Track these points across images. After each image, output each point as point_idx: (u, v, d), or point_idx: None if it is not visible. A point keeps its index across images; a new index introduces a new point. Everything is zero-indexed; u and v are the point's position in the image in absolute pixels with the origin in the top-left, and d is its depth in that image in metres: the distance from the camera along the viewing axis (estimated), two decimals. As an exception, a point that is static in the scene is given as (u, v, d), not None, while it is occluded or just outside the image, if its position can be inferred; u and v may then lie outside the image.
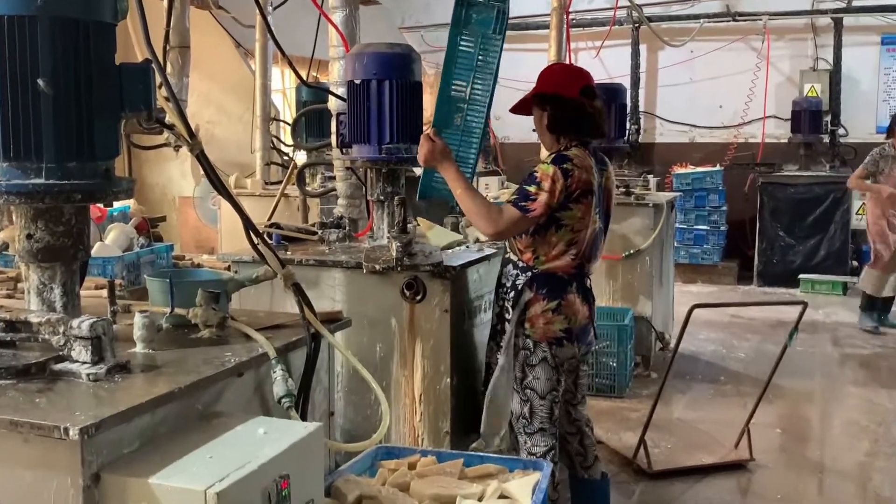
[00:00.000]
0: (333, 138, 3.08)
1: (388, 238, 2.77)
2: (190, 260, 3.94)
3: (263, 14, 4.29)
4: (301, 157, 5.06)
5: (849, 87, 7.91)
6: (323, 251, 2.88)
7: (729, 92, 8.21)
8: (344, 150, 3.02)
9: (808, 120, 7.60)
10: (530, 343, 2.48)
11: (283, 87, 7.05)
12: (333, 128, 3.07)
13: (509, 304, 2.49)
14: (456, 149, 2.54)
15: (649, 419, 3.47)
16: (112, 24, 1.62)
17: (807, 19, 8.01)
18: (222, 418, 1.55)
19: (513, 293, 2.48)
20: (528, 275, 2.47)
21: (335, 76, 3.17)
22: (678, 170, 7.89)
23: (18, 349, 1.59)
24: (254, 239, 1.85)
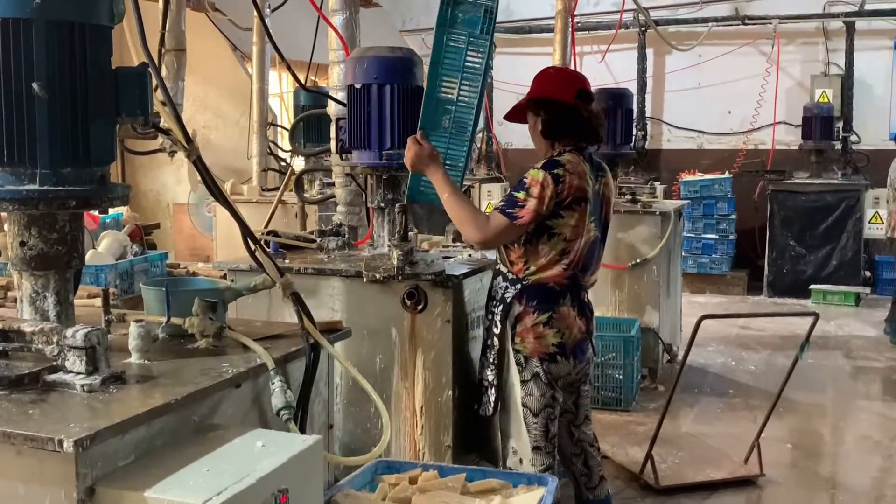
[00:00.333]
0: (333, 144, 3.05)
1: (388, 246, 2.74)
2: (185, 268, 3.90)
3: (261, 16, 4.25)
4: (299, 163, 5.04)
5: (861, 93, 7.84)
6: (322, 259, 2.85)
7: (738, 97, 8.16)
8: (343, 155, 2.99)
9: (819, 126, 7.53)
10: (521, 358, 2.41)
11: (281, 91, 7.03)
12: (333, 133, 3.04)
13: (498, 319, 2.42)
14: (444, 152, 2.48)
15: (656, 433, 3.42)
16: (109, 27, 1.60)
17: (818, 23, 7.95)
18: (219, 431, 1.53)
19: (501, 306, 2.41)
20: (518, 287, 2.40)
21: (335, 80, 3.15)
22: (686, 177, 7.84)
23: (11, 359, 1.57)
24: (252, 247, 1.82)
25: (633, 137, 6.78)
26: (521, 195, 2.33)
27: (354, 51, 2.94)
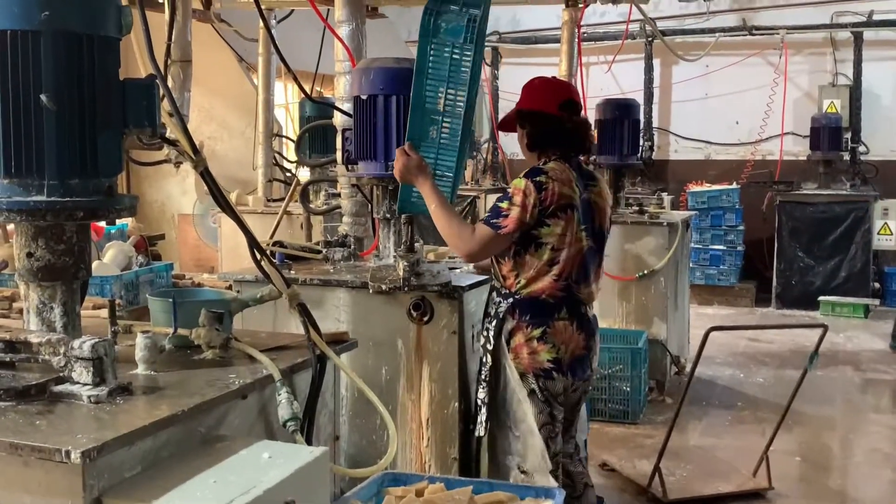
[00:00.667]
0: (339, 154, 3.06)
1: (394, 257, 2.73)
2: (190, 279, 3.89)
3: (268, 27, 4.27)
4: (304, 174, 5.05)
5: (869, 103, 7.81)
6: (328, 270, 2.85)
7: (745, 108, 8.15)
8: (349, 166, 2.99)
9: (827, 137, 7.50)
10: (518, 375, 2.36)
11: (287, 102, 7.05)
12: (339, 144, 3.05)
13: (492, 334, 2.39)
14: (433, 163, 2.47)
15: (664, 446, 3.39)
16: (116, 38, 1.60)
17: (826, 33, 7.94)
18: (226, 442, 1.53)
19: (495, 321, 2.38)
20: (510, 301, 2.36)
21: (341, 91, 3.16)
22: (693, 188, 7.81)
23: (18, 370, 1.57)
24: (258, 257, 1.82)
25: (640, 148, 6.78)
26: (504, 205, 2.32)
27: (360, 62, 2.95)
